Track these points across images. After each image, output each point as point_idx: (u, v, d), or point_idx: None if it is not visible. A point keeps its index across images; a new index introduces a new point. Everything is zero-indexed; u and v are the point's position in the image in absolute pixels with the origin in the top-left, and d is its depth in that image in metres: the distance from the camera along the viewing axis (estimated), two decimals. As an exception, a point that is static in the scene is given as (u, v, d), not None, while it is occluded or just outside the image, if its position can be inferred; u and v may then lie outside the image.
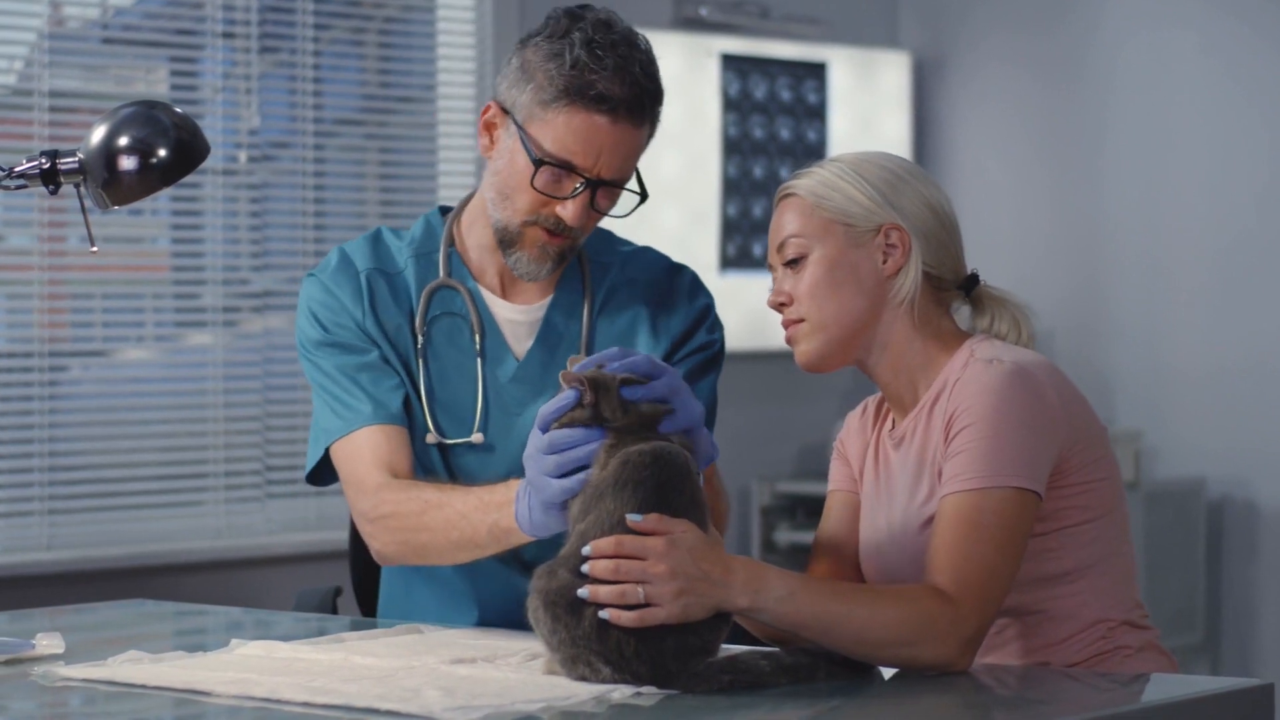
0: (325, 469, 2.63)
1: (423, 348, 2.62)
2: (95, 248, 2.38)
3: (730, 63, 5.62)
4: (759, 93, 5.70)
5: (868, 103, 5.89)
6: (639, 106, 2.50)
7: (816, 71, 5.80)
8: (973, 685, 2.10)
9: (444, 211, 2.71)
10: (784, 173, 5.73)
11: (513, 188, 2.54)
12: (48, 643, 2.27)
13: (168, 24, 4.79)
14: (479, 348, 2.62)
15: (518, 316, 2.64)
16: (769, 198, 5.70)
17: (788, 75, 5.75)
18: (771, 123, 5.72)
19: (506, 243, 2.58)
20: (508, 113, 2.54)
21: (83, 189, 2.34)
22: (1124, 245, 5.64)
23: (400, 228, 2.73)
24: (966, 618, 2.11)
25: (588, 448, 2.09)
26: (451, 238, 2.67)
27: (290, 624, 2.62)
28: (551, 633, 2.02)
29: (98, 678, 2.07)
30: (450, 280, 2.64)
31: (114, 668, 2.11)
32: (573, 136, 2.48)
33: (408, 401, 2.60)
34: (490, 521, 2.37)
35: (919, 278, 2.35)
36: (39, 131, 4.51)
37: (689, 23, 5.56)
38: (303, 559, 4.77)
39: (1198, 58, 5.49)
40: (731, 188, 5.65)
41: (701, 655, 2.01)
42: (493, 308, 2.64)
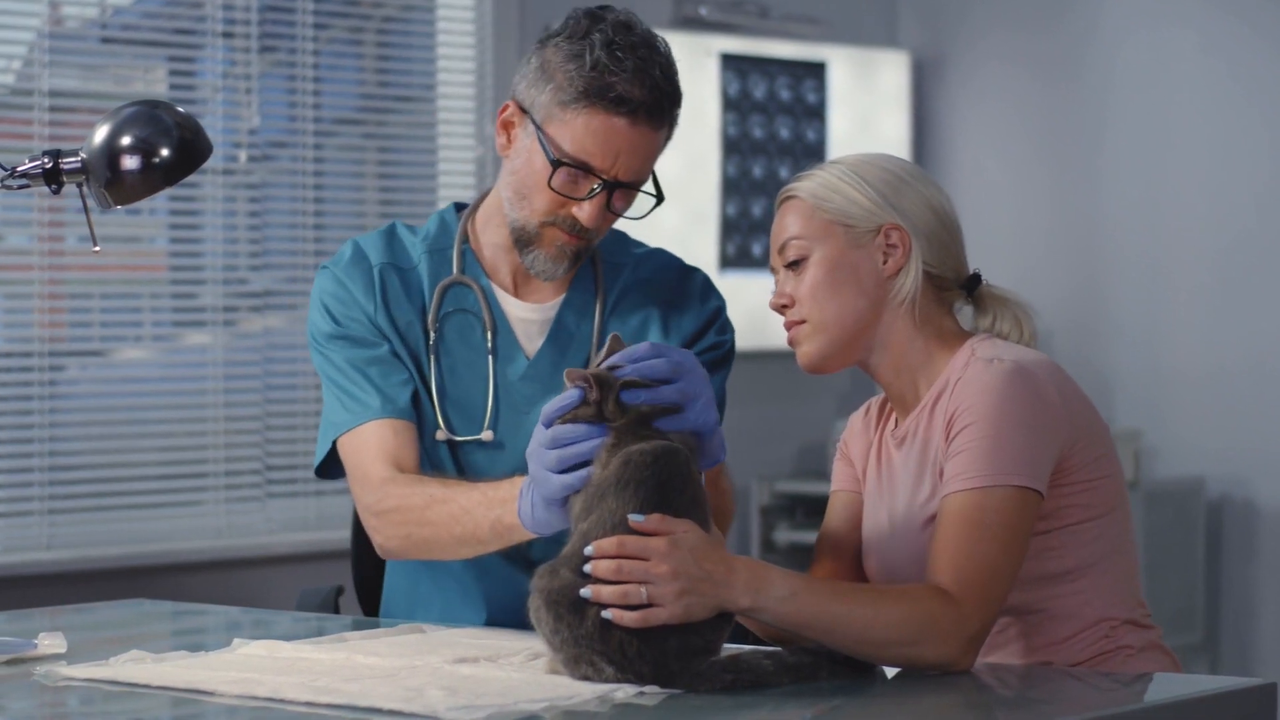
0: (334, 463, 2.62)
1: (434, 344, 2.62)
2: (98, 247, 2.38)
3: (729, 62, 5.61)
4: (758, 92, 5.69)
5: (867, 102, 5.89)
6: (658, 109, 2.51)
7: (816, 71, 5.80)
8: (974, 685, 2.10)
9: (459, 208, 2.71)
10: (783, 172, 5.73)
11: (530, 187, 2.54)
12: (50, 642, 2.26)
13: (166, 23, 4.79)
14: (491, 345, 2.62)
15: (530, 315, 2.64)
16: (768, 197, 5.69)
17: (787, 75, 5.75)
18: (771, 122, 5.72)
19: (523, 242, 2.58)
20: (526, 112, 2.54)
21: (85, 189, 2.34)
22: (1123, 245, 5.64)
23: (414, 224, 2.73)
24: (969, 617, 2.12)
25: (590, 443, 2.09)
26: (466, 234, 2.67)
27: (289, 624, 2.61)
28: (554, 632, 2.02)
29: (100, 677, 2.07)
30: (463, 277, 2.64)
31: (116, 667, 2.11)
32: (591, 138, 2.49)
33: (417, 398, 2.60)
34: (493, 517, 2.38)
35: (919, 278, 2.36)
36: (39, 131, 4.51)
37: (688, 22, 5.56)
38: (303, 558, 4.77)
39: (1197, 57, 5.49)
40: (731, 187, 5.65)
41: (704, 655, 2.02)
42: (505, 305, 2.64)
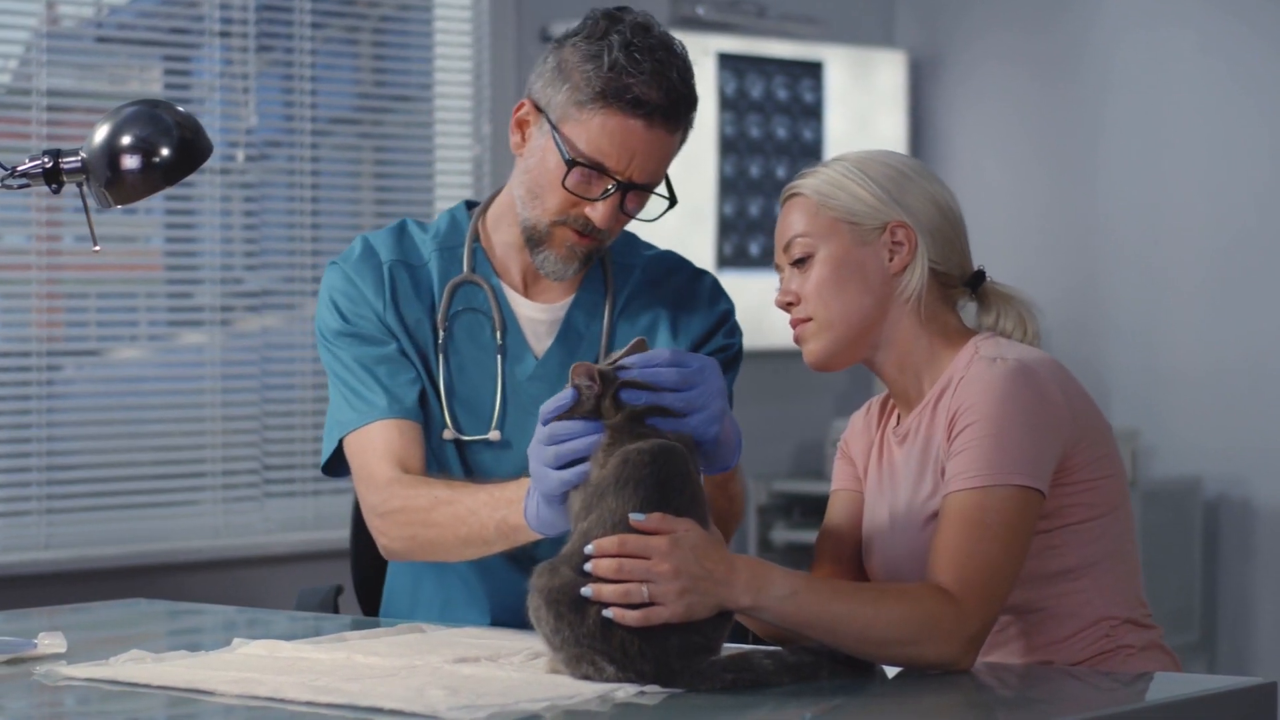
0: (341, 460, 2.62)
1: (443, 343, 2.62)
2: (98, 247, 2.37)
3: (727, 62, 5.61)
4: (755, 92, 5.69)
5: (864, 102, 5.89)
6: (674, 112, 2.51)
7: (813, 70, 5.80)
8: (975, 684, 2.10)
9: (470, 206, 2.71)
10: (780, 172, 5.73)
11: (543, 187, 2.54)
12: (50, 642, 2.26)
13: (162, 22, 4.79)
14: (500, 345, 2.62)
15: (539, 315, 2.64)
16: (765, 197, 5.70)
17: (784, 74, 5.75)
18: (768, 122, 5.72)
19: (534, 241, 2.57)
20: (541, 111, 2.53)
21: (85, 188, 2.34)
22: (1121, 244, 5.64)
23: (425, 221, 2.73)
24: (970, 616, 2.12)
25: (586, 440, 2.09)
26: (476, 233, 2.66)
27: (287, 623, 2.61)
28: (554, 631, 2.02)
29: (101, 677, 2.07)
30: (474, 276, 2.64)
31: (117, 667, 2.11)
32: (607, 139, 2.48)
33: (424, 397, 2.59)
34: (499, 518, 2.37)
35: (925, 275, 2.36)
36: (36, 130, 4.50)
37: (686, 21, 5.55)
38: (301, 558, 4.77)
39: (1195, 56, 5.49)
40: (728, 187, 5.64)
41: (705, 653, 2.02)
42: (514, 305, 2.64)
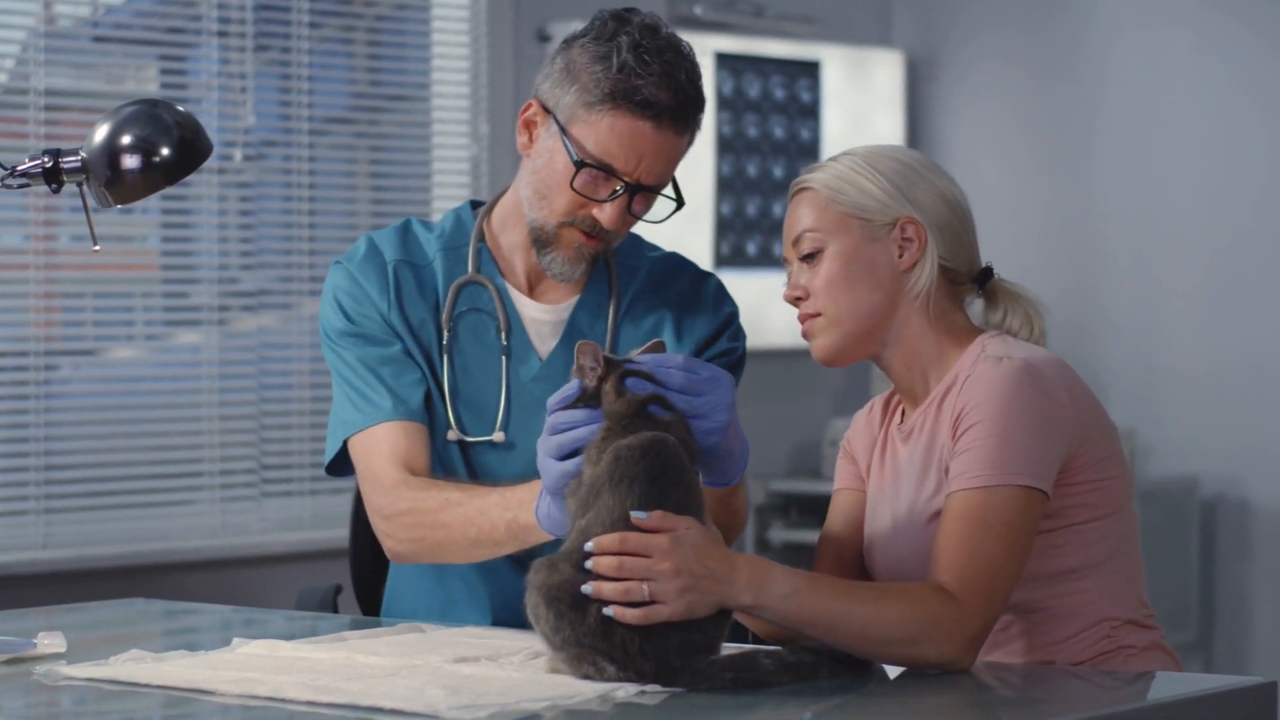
0: (345, 460, 2.62)
1: (448, 343, 2.62)
2: (98, 246, 2.37)
3: (724, 61, 5.61)
4: (753, 91, 5.69)
5: (861, 101, 5.89)
6: (683, 114, 2.51)
7: (810, 70, 5.80)
8: (975, 684, 2.10)
9: (475, 206, 2.71)
10: (778, 172, 5.73)
11: (551, 188, 2.54)
12: (49, 642, 2.26)
13: (159, 22, 4.78)
14: (505, 345, 2.62)
15: (543, 315, 2.64)
16: (763, 197, 5.70)
17: (781, 74, 5.75)
18: (765, 121, 5.72)
19: (541, 242, 2.57)
20: (549, 112, 2.53)
21: (85, 188, 2.34)
22: (1118, 243, 5.64)
23: (429, 220, 2.73)
24: (970, 617, 2.11)
25: (589, 428, 2.09)
26: (482, 233, 2.66)
27: (284, 623, 2.61)
28: (555, 630, 2.01)
29: (101, 677, 2.07)
30: (478, 276, 2.63)
31: (117, 667, 2.10)
32: (615, 140, 2.48)
33: (428, 397, 2.59)
34: (509, 518, 2.37)
35: (934, 271, 2.35)
36: (34, 130, 4.50)
37: (683, 21, 5.55)
38: (299, 558, 4.77)
39: (1191, 55, 5.49)
40: (725, 186, 5.65)
41: (705, 652, 2.01)
42: (519, 306, 2.64)
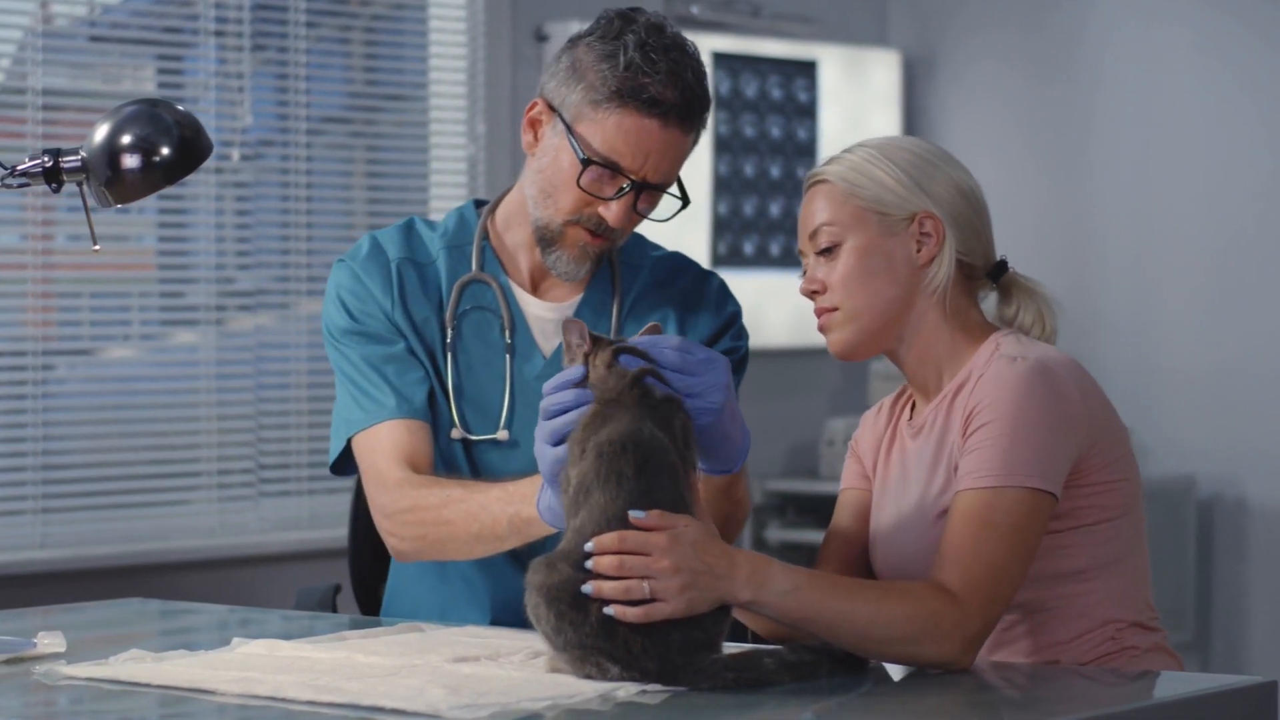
0: (349, 459, 2.62)
1: (451, 341, 2.61)
2: (98, 246, 2.37)
3: (721, 61, 5.61)
4: (750, 91, 5.69)
5: (858, 101, 5.89)
6: (689, 113, 2.52)
7: (807, 70, 5.80)
8: (977, 683, 2.10)
9: (478, 204, 2.71)
10: (775, 171, 5.73)
11: (556, 186, 2.54)
12: (49, 641, 2.25)
13: (156, 21, 4.78)
14: (509, 343, 2.61)
15: (547, 314, 2.64)
16: (760, 196, 5.70)
17: (778, 73, 5.75)
18: (762, 121, 5.72)
19: (546, 241, 2.57)
20: (555, 111, 2.53)
21: (85, 187, 2.34)
22: (1115, 243, 5.64)
23: (432, 219, 2.72)
24: (971, 617, 2.11)
25: (579, 412, 2.08)
26: (485, 231, 2.66)
27: (282, 622, 2.60)
28: (556, 631, 2.01)
29: (101, 677, 2.07)
30: (482, 274, 2.63)
31: (117, 667, 2.10)
32: (622, 138, 2.49)
33: (432, 395, 2.59)
34: (511, 512, 2.38)
35: (952, 266, 2.34)
36: (31, 130, 4.50)
37: (680, 21, 5.55)
38: (297, 557, 4.76)
39: (1188, 54, 5.49)
40: (722, 186, 5.64)
41: (706, 650, 2.01)
42: (523, 304, 2.64)
